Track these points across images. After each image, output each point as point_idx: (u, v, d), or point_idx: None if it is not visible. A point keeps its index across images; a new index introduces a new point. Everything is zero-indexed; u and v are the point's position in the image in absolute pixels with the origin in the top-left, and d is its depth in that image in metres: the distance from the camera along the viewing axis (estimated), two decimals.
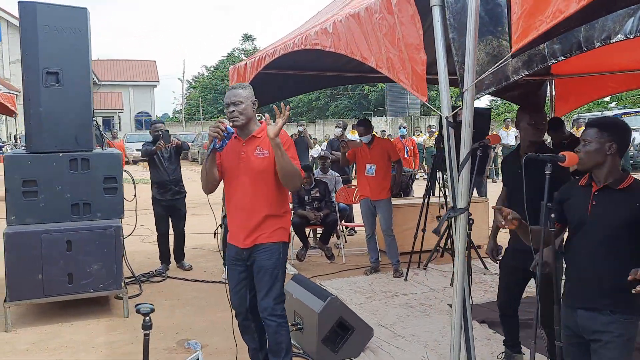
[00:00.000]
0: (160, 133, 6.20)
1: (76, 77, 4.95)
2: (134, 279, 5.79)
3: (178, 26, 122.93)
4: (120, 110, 39.83)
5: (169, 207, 6.42)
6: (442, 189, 6.40)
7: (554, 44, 3.00)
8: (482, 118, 6.61)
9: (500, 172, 16.51)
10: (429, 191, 6.28)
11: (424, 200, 6.32)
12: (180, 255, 6.65)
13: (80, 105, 4.99)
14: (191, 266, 6.61)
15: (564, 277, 2.70)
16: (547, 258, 3.30)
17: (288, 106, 3.13)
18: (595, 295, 2.40)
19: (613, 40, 3.10)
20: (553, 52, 2.98)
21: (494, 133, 4.63)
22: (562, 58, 3.02)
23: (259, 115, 4.54)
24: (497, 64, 2.55)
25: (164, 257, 6.53)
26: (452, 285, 5.74)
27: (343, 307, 4.07)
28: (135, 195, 5.91)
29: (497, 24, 2.78)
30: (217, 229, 7.60)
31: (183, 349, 4.27)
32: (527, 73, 2.89)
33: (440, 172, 6.47)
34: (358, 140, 6.26)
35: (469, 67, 2.61)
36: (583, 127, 15.16)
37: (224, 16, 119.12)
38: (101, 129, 5.50)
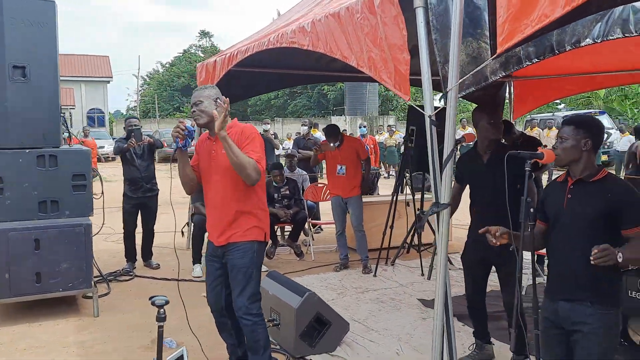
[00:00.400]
0: (132, 129, 6.12)
1: (43, 71, 4.85)
2: (101, 277, 5.69)
3: (132, 21, 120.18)
4: (71, 107, 38.63)
5: (140, 205, 6.34)
6: (410, 187, 6.54)
7: (528, 46, 3.13)
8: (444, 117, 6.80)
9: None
10: (398, 189, 6.40)
11: (392, 198, 6.44)
12: (148, 253, 6.58)
13: (47, 100, 4.90)
14: (159, 264, 6.55)
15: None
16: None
17: (227, 99, 3.16)
18: (573, 287, 2.51)
19: (582, 44, 3.25)
20: (528, 54, 3.10)
21: (469, 132, 4.78)
22: (536, 60, 3.15)
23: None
24: (482, 65, 2.65)
25: (130, 256, 6.44)
26: (429, 279, 5.88)
27: (320, 302, 4.13)
28: (102, 193, 5.83)
29: (477, 27, 2.89)
30: (184, 227, 7.56)
31: None
32: (504, 74, 3.01)
33: (407, 171, 6.58)
34: (331, 145, 6.34)
35: (452, 67, 2.70)
36: (537, 128, 15.65)
37: (180, 12, 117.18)
38: (68, 126, 5.38)
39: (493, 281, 4.06)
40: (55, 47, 4.89)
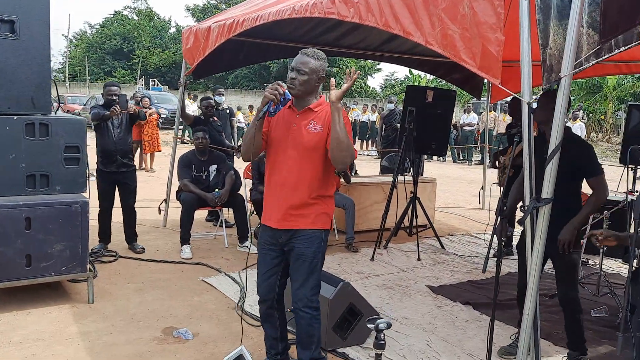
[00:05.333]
0: (116, 97, 5.53)
1: (34, 27, 4.26)
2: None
3: None
4: None
5: (116, 181, 5.78)
6: (412, 171, 6.43)
7: (618, 34, 3.01)
8: (447, 101, 6.67)
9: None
10: (398, 173, 6.23)
11: (393, 180, 6.27)
12: (132, 235, 6.00)
13: (38, 60, 4.31)
14: (144, 248, 5.99)
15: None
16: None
17: (355, 70, 2.86)
18: None
19: None
20: (617, 42, 2.97)
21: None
22: (624, 48, 3.02)
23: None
24: (609, 55, 2.48)
25: (104, 235, 5.88)
26: (483, 272, 5.55)
27: (353, 291, 3.90)
28: (87, 166, 5.30)
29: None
30: (161, 204, 7.10)
31: (173, 339, 3.89)
32: (596, 62, 2.86)
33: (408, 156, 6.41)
34: None
35: (569, 52, 2.52)
36: (492, 112, 15.79)
37: None
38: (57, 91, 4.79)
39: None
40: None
